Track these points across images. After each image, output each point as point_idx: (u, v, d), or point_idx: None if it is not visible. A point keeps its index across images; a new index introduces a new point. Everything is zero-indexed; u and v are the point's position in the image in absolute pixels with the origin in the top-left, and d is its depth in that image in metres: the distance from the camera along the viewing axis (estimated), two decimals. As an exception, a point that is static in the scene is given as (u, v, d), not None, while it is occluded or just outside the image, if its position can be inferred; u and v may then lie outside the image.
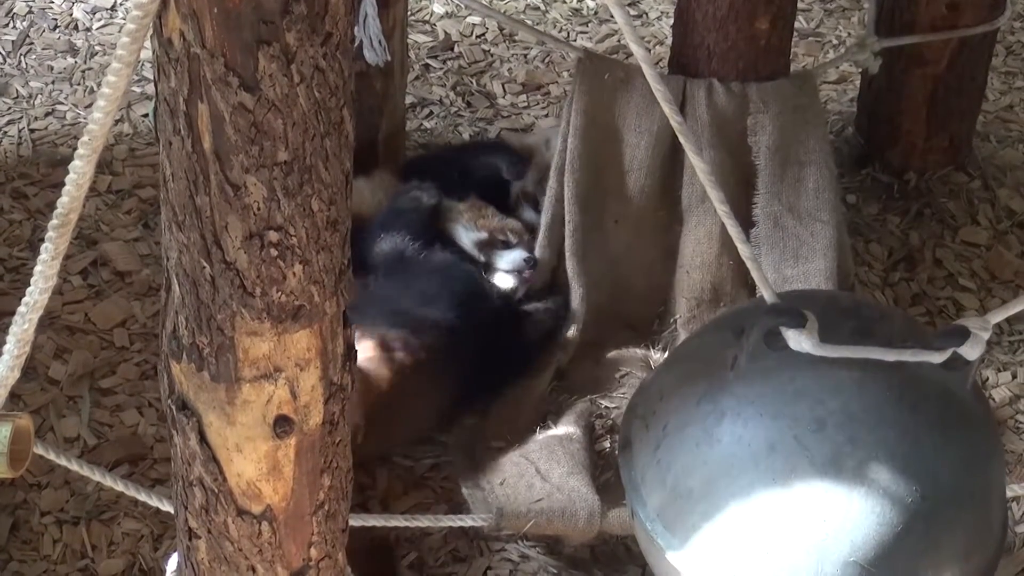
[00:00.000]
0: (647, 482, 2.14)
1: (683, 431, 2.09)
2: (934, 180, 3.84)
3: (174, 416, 1.85)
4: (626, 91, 3.24)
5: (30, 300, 1.59)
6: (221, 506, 1.89)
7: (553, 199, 3.25)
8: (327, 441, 1.88)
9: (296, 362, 1.76)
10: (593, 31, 4.40)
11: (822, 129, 3.34)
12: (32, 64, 4.11)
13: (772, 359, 2.03)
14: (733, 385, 2.07)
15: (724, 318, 2.45)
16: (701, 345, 2.27)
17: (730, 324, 2.17)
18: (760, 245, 3.18)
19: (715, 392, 2.08)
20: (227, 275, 1.66)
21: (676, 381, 2.17)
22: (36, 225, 3.51)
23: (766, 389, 2.04)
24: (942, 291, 3.56)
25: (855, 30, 4.47)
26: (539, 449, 2.94)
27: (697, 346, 2.30)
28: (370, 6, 3.29)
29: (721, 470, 2.04)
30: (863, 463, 1.99)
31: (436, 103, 4.09)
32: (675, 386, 2.16)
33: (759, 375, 2.05)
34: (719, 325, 2.30)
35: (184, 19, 1.50)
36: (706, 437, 2.06)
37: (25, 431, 1.70)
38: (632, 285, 3.32)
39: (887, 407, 2.03)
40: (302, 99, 1.56)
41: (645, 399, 2.24)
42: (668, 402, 2.15)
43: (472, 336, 3.04)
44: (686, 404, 2.11)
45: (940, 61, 3.69)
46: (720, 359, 2.10)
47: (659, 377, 2.28)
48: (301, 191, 1.62)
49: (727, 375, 2.08)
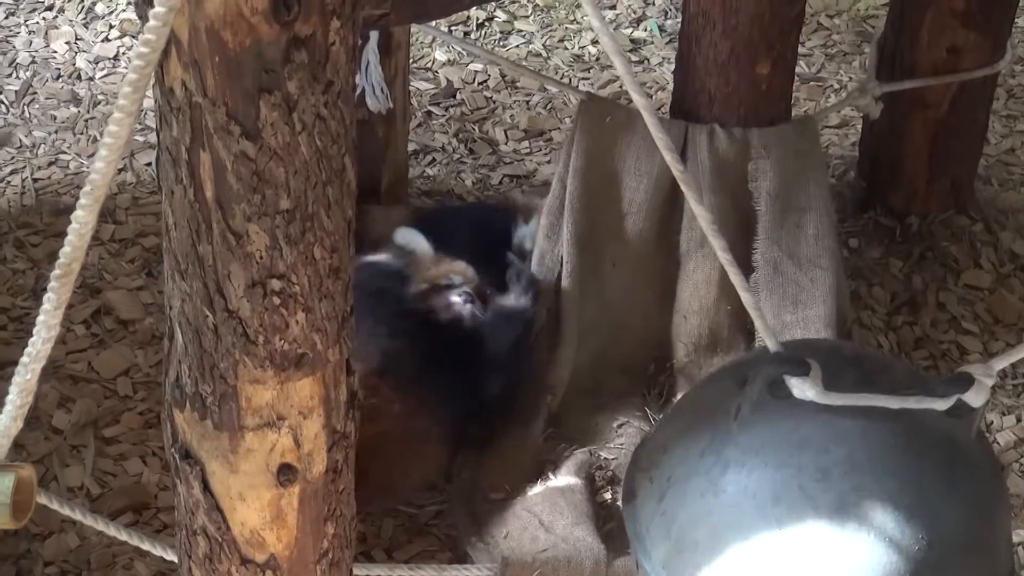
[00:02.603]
0: (652, 534, 2.13)
1: (687, 482, 2.09)
2: (936, 223, 3.84)
3: (177, 465, 1.85)
4: (627, 134, 3.24)
5: (33, 350, 1.59)
6: (225, 555, 1.89)
7: (544, 237, 3.24)
8: (330, 489, 1.87)
9: (299, 410, 1.76)
10: (595, 77, 4.42)
11: (823, 175, 3.35)
12: (35, 114, 4.12)
13: (776, 408, 2.02)
14: (737, 435, 2.06)
15: (726, 368, 2.45)
16: (703, 396, 2.26)
17: (732, 374, 2.17)
18: (760, 290, 3.17)
19: (719, 443, 2.07)
20: (230, 323, 1.66)
21: (679, 433, 2.17)
22: (39, 274, 3.51)
23: (770, 438, 2.04)
24: (945, 335, 3.56)
25: (856, 74, 4.48)
26: (541, 501, 2.93)
27: (699, 397, 2.29)
28: (372, 53, 3.30)
29: (726, 521, 2.04)
30: (869, 512, 1.99)
31: (438, 150, 4.09)
32: (678, 438, 2.16)
33: (763, 425, 2.04)
34: (721, 375, 2.30)
35: (186, 68, 1.50)
36: (711, 488, 2.06)
37: (28, 481, 1.70)
38: (628, 329, 3.31)
39: (892, 455, 2.03)
40: (304, 147, 1.56)
41: (648, 452, 2.23)
42: (671, 454, 2.15)
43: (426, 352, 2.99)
44: (690, 455, 2.10)
45: (941, 105, 3.69)
46: (723, 409, 2.09)
47: (662, 429, 2.28)
48: (303, 239, 1.62)
49: (731, 425, 2.07)
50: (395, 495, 2.99)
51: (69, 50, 4.40)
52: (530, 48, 4.58)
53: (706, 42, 3.19)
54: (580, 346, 3.20)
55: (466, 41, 4.50)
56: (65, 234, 1.51)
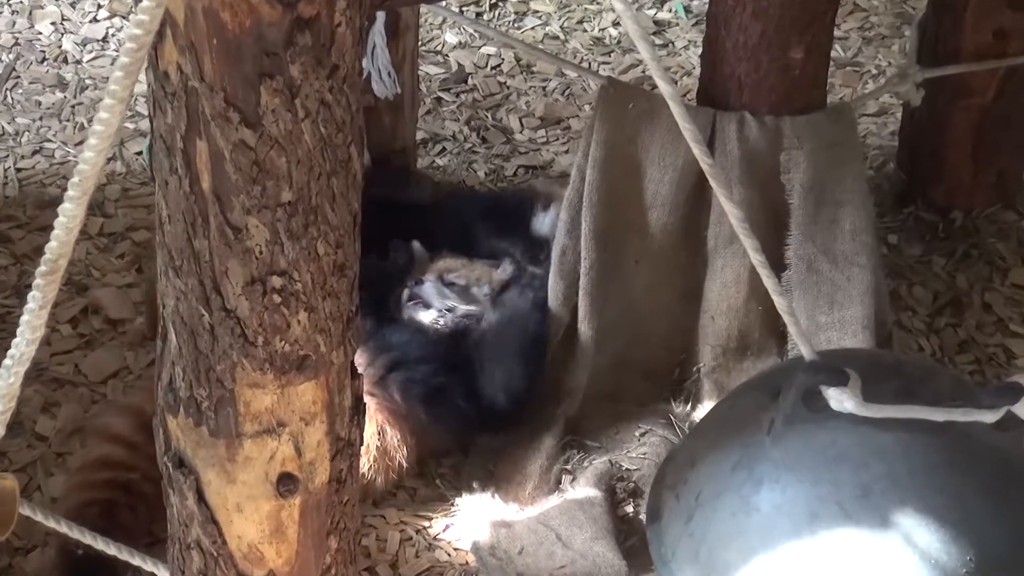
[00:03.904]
0: (678, 557, 2.12)
1: (717, 500, 2.08)
2: (981, 219, 3.83)
3: (170, 474, 1.85)
4: (651, 122, 3.23)
5: (16, 352, 1.59)
6: (221, 571, 1.89)
7: (564, 232, 3.24)
8: (334, 500, 1.87)
9: (301, 416, 1.76)
10: (616, 61, 4.41)
11: (860, 166, 3.34)
12: (19, 99, 4.12)
13: (811, 421, 2.02)
14: (770, 450, 2.06)
15: (758, 379, 2.44)
16: (734, 407, 2.26)
17: (765, 385, 2.17)
18: (792, 290, 3.16)
19: (751, 458, 2.07)
20: (227, 323, 1.66)
21: (708, 447, 2.17)
22: (23, 271, 3.51)
23: (805, 453, 2.04)
24: (991, 338, 3.55)
25: (895, 59, 4.47)
26: (559, 515, 2.93)
27: (729, 409, 2.29)
28: (379, 36, 3.30)
29: (760, 541, 2.03)
30: (912, 531, 1.98)
31: (449, 139, 4.09)
32: (707, 453, 2.15)
33: (798, 438, 2.04)
34: (753, 386, 2.30)
35: (182, 51, 1.50)
36: (743, 506, 2.05)
37: (10, 492, 1.70)
38: (652, 330, 3.31)
39: (936, 471, 2.02)
40: (307, 135, 1.56)
41: (675, 467, 2.23)
42: (700, 470, 2.14)
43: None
44: (720, 471, 2.10)
45: (987, 92, 3.69)
46: (755, 422, 2.09)
47: (689, 444, 2.27)
48: (306, 233, 1.62)
49: (763, 439, 2.07)
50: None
51: (55, 31, 4.40)
52: (547, 30, 4.58)
53: (736, 24, 3.18)
54: (600, 348, 3.20)
55: (479, 22, 4.50)
56: (51, 228, 1.51)
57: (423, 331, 3.15)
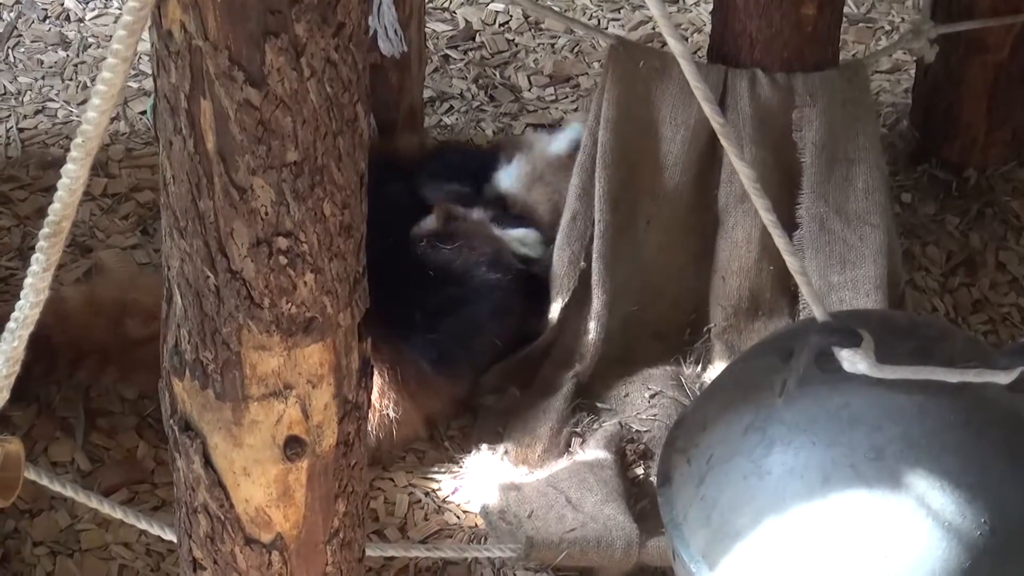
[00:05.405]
0: (690, 520, 2.12)
1: (729, 464, 2.07)
2: (996, 177, 3.82)
3: (176, 438, 1.85)
4: (662, 81, 3.23)
5: (20, 315, 1.59)
6: (228, 534, 1.89)
7: (575, 197, 3.24)
8: (341, 464, 1.87)
9: (308, 379, 1.76)
10: (626, 18, 4.40)
11: (873, 124, 3.32)
12: (20, 58, 4.12)
13: (824, 383, 2.01)
14: (782, 412, 2.05)
15: (769, 340, 2.43)
16: (745, 370, 2.25)
17: (777, 346, 2.16)
18: (804, 249, 3.16)
19: (763, 420, 2.06)
20: (233, 285, 1.66)
21: (719, 410, 2.16)
22: (26, 232, 3.51)
23: (818, 415, 2.03)
24: (1005, 297, 3.54)
25: (909, 15, 4.45)
26: (568, 477, 2.93)
27: (741, 371, 2.28)
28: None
29: (772, 504, 2.02)
30: (926, 494, 1.97)
31: (457, 97, 4.08)
32: (718, 416, 2.14)
33: (810, 400, 2.03)
34: (764, 348, 2.28)
35: (185, 9, 1.49)
36: (754, 469, 2.04)
37: (15, 456, 1.70)
38: (663, 291, 3.31)
39: (951, 433, 2.01)
40: (313, 95, 1.55)
41: (686, 431, 2.22)
42: (711, 433, 2.13)
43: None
44: (731, 434, 2.09)
45: (1002, 48, 3.67)
46: (767, 384, 2.08)
47: (700, 407, 2.26)
48: (312, 194, 1.62)
49: (775, 401, 2.06)
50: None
51: (57, -11, 4.39)
52: (555, -13, 4.56)
53: (747, -20, 3.17)
54: (611, 310, 3.20)
55: (486, -21, 4.48)
56: (54, 189, 1.51)
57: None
